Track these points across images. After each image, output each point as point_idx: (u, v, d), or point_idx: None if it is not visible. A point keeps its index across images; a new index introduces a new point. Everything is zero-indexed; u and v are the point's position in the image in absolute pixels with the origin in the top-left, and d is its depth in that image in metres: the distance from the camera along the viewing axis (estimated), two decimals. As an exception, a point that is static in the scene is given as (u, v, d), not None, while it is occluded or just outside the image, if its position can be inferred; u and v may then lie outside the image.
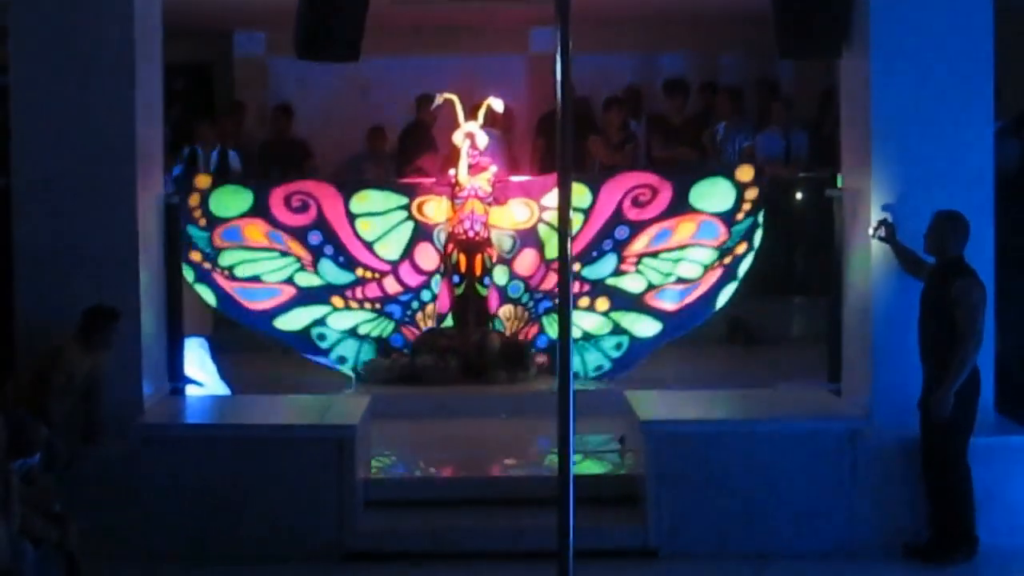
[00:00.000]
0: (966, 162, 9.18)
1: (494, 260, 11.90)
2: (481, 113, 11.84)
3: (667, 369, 11.71)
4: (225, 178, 12.63)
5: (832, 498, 9.09)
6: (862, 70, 9.32)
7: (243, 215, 11.40)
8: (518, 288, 11.94)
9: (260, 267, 11.50)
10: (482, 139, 11.82)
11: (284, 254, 11.53)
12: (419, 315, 11.92)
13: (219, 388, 11.27)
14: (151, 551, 8.90)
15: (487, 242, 11.79)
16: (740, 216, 11.35)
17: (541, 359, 11.82)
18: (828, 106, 13.62)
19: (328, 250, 11.62)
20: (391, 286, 11.80)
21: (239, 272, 11.42)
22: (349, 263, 11.68)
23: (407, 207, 11.79)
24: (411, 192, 11.90)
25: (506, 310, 11.97)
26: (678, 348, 12.09)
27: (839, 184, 9.90)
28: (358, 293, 11.71)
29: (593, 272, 11.67)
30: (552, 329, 11.76)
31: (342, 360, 11.78)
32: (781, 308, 13.54)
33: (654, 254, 11.56)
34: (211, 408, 10.40)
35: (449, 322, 11.98)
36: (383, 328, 11.82)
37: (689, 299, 11.55)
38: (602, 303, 11.69)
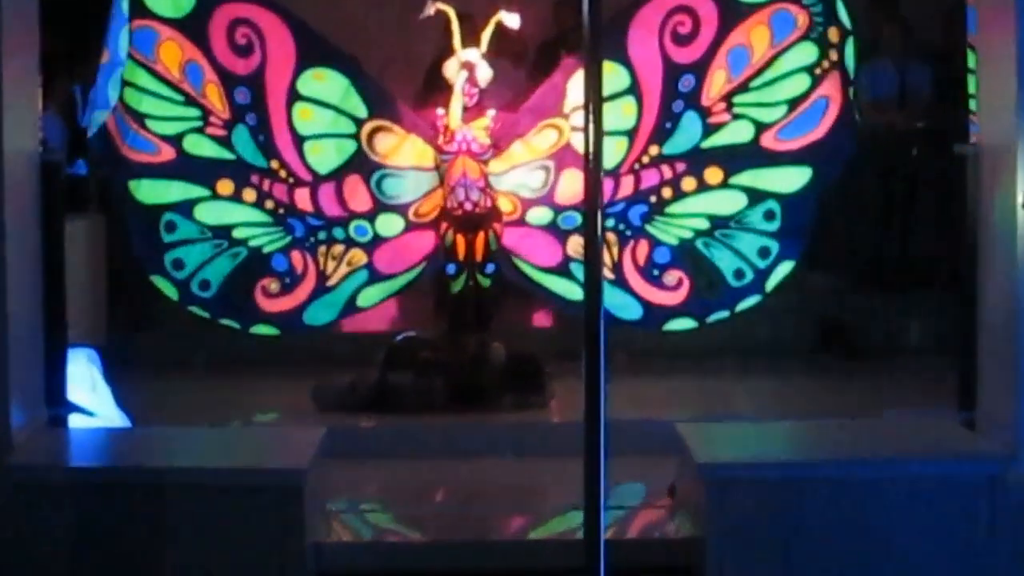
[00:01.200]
0: None
1: (501, 237, 11.87)
2: (486, 35, 11.81)
3: (735, 391, 11.71)
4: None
5: (962, 565, 9.08)
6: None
7: (175, 19, 11.51)
8: (573, 220, 11.83)
9: (153, 105, 11.59)
10: (484, 72, 11.77)
11: (188, 102, 11.62)
12: (322, 250, 11.91)
13: (115, 417, 11.26)
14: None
15: (491, 213, 11.75)
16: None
17: (675, 276, 11.88)
18: (957, 31, 13.61)
19: (251, 118, 11.74)
20: (301, 199, 11.85)
21: (129, 99, 11.53)
22: (268, 146, 11.76)
23: (359, 124, 11.81)
24: (380, 108, 11.92)
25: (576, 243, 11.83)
26: (747, 361, 12.10)
27: (972, 137, 9.91)
28: (263, 186, 11.77)
29: (678, 145, 11.78)
30: (666, 234, 11.84)
31: (177, 266, 11.82)
32: (893, 308, 13.54)
33: (744, 88, 11.65)
34: (104, 444, 10.39)
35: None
36: (271, 241, 11.85)
37: (828, 119, 11.65)
38: (713, 174, 11.83)
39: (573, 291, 11.74)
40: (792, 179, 11.66)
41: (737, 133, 11.70)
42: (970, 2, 9.98)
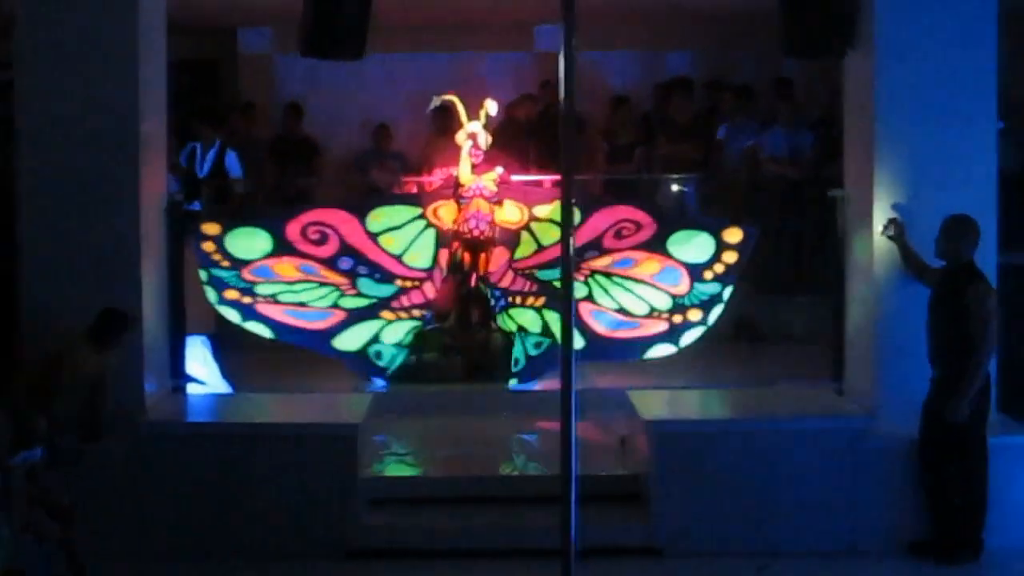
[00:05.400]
0: (970, 164, 9.24)
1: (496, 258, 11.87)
2: (484, 113, 11.84)
3: (671, 367, 11.73)
4: (222, 181, 12.66)
5: (836, 497, 9.15)
6: (866, 70, 9.38)
7: (267, 256, 11.22)
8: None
9: (304, 296, 11.40)
10: (484, 139, 11.79)
11: (322, 284, 11.42)
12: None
13: (221, 386, 11.31)
14: (153, 548, 9.00)
15: (492, 240, 11.77)
16: (709, 275, 11.23)
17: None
18: (836, 106, 13.65)
19: (362, 270, 11.49)
20: (430, 291, 11.75)
21: (285, 299, 11.34)
22: (386, 277, 11.57)
23: (423, 216, 11.75)
24: (421, 201, 11.88)
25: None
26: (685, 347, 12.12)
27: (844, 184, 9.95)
28: (404, 301, 11.69)
29: (546, 274, 11.65)
30: (504, 324, 11.81)
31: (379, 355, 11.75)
32: (786, 307, 13.56)
33: (607, 274, 11.48)
34: (213, 406, 10.44)
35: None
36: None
37: (621, 333, 11.51)
38: (540, 300, 11.73)
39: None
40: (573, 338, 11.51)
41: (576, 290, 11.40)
42: (845, 83, 10.00)
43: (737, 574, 8.72)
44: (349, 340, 11.58)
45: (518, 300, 11.76)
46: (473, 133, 11.71)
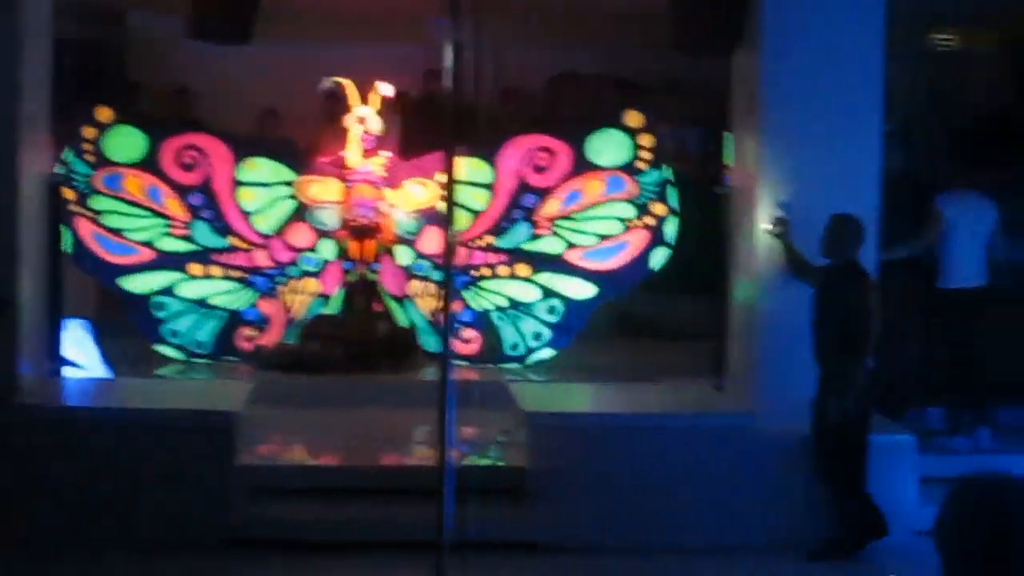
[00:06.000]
0: (855, 165, 9.29)
1: (387, 245, 11.78)
2: (376, 98, 11.75)
3: (553, 363, 11.70)
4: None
5: (715, 493, 9.13)
6: (753, 68, 9.40)
7: (133, 164, 11.37)
8: (422, 267, 11.80)
9: (127, 222, 11.44)
10: (375, 123, 11.70)
11: (155, 215, 11.46)
12: (282, 288, 11.77)
13: (100, 371, 11.12)
14: (24, 537, 8.76)
15: (379, 228, 11.68)
16: (642, 166, 11.50)
17: (470, 334, 11.76)
18: (725, 105, 13.65)
19: (206, 214, 11.57)
20: (261, 259, 11.72)
21: (106, 221, 11.37)
22: (224, 230, 11.61)
23: (292, 184, 11.70)
24: (302, 167, 11.79)
25: (417, 287, 11.82)
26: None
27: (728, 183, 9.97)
28: (224, 259, 11.60)
29: (506, 241, 11.68)
30: (475, 302, 11.74)
31: (173, 334, 11.64)
32: (670, 303, 13.54)
33: (568, 216, 11.58)
34: (92, 391, 10.28)
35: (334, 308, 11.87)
36: (241, 299, 11.70)
37: (623, 257, 11.61)
38: (522, 269, 11.71)
39: (403, 317, 11.77)
40: (580, 289, 11.67)
41: (552, 245, 11.65)
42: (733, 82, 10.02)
43: (615, 570, 8.68)
44: (139, 282, 11.52)
45: (487, 272, 11.69)
46: (363, 117, 11.63)
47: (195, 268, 11.59)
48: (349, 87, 11.76)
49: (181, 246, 11.54)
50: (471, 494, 7.93)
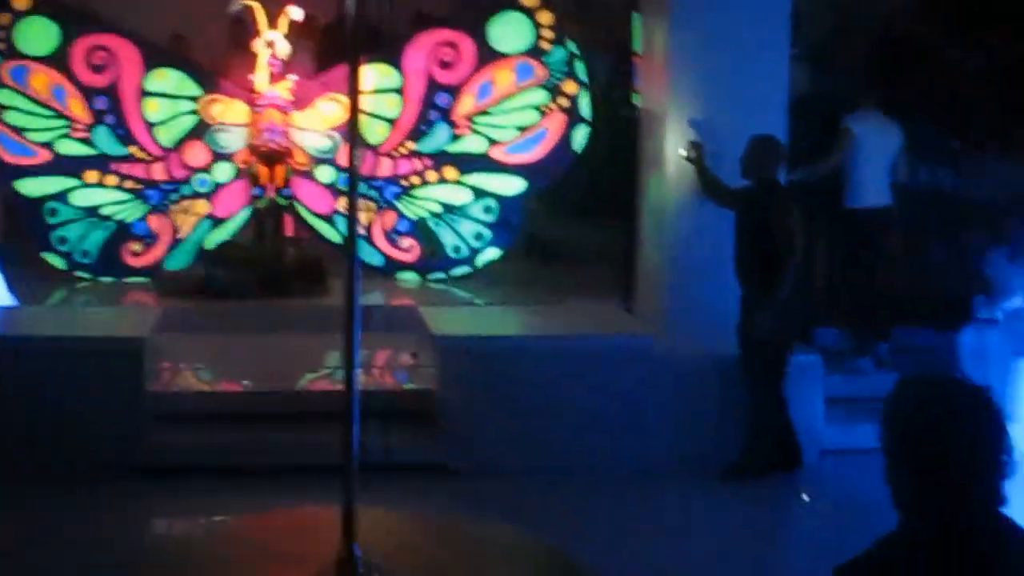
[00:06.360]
0: (762, 87, 9.30)
1: (296, 169, 11.68)
2: (285, 22, 11.60)
3: (463, 285, 11.69)
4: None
5: (624, 415, 9.13)
6: (661, -7, 9.36)
7: (42, 58, 11.24)
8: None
9: (29, 120, 11.31)
10: (283, 47, 11.57)
11: (57, 115, 11.33)
12: (172, 207, 11.66)
13: (6, 299, 10.94)
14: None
15: (288, 152, 11.58)
16: (545, 46, 11.50)
17: (408, 243, 11.76)
18: (631, 29, 13.61)
19: (110, 119, 11.45)
20: (157, 172, 11.61)
21: (7, 117, 11.26)
22: (125, 138, 11.49)
23: (196, 100, 11.57)
24: (208, 85, 11.65)
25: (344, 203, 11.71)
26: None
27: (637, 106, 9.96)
28: (121, 168, 11.47)
29: (428, 145, 11.65)
30: (409, 211, 11.72)
31: (62, 241, 11.53)
32: (579, 228, 13.55)
33: (484, 112, 11.57)
34: (-2, 319, 10.13)
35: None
36: (132, 212, 11.59)
37: (546, 146, 11.61)
38: (450, 172, 11.68)
39: (335, 236, 11.66)
40: (510, 185, 11.65)
41: (474, 144, 11.62)
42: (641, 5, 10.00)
43: (525, 493, 8.67)
44: (34, 186, 11.41)
45: (416, 181, 11.64)
46: (271, 41, 11.51)
47: (91, 175, 11.46)
48: (258, 11, 11.60)
49: (80, 150, 11.41)
50: (380, 418, 7.97)
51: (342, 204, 11.58)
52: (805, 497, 8.90)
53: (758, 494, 8.92)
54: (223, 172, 11.65)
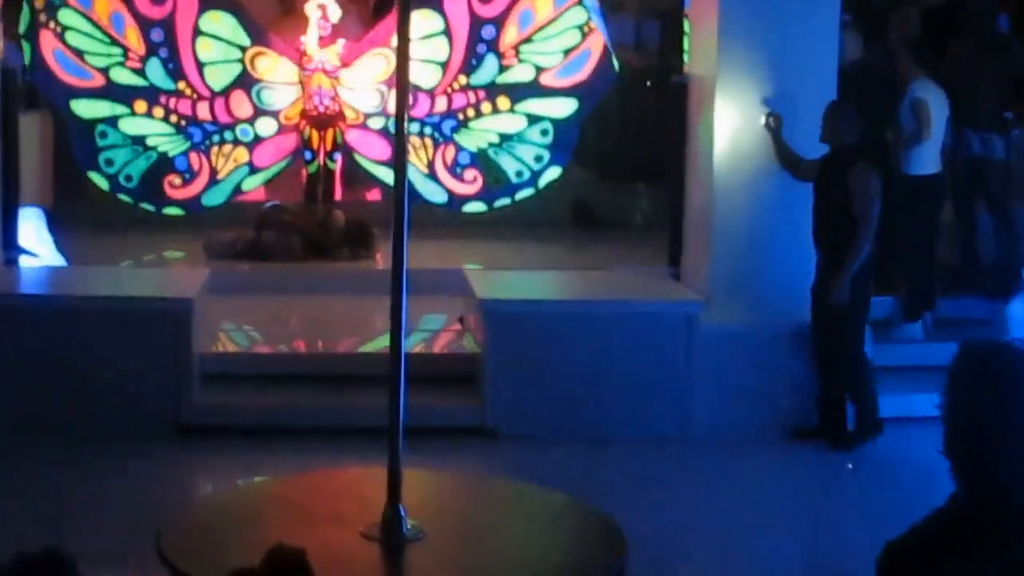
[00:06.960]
0: (811, 54, 9.20)
1: (345, 133, 11.67)
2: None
3: (508, 250, 11.65)
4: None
5: (669, 382, 9.08)
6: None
7: None
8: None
9: (88, 43, 11.22)
10: (334, 12, 11.55)
11: (113, 43, 11.25)
12: (215, 150, 11.60)
13: (55, 260, 10.99)
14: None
15: (339, 116, 11.57)
16: None
17: (471, 174, 11.69)
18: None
19: (163, 52, 11.38)
20: (202, 111, 11.54)
21: (68, 38, 11.17)
22: (176, 73, 11.44)
23: (243, 50, 11.53)
24: (257, 37, 11.61)
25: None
26: (520, 229, 12.06)
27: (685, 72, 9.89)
28: (172, 104, 11.46)
29: (479, 78, 11.58)
30: (468, 143, 11.63)
31: (108, 163, 11.47)
32: (627, 194, 13.49)
33: (528, 40, 11.48)
34: (47, 279, 10.15)
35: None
36: (175, 146, 11.55)
37: (591, 65, 11.49)
38: (503, 102, 11.61)
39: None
40: (562, 108, 11.58)
41: (523, 73, 11.56)
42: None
43: (568, 457, 8.63)
44: (87, 107, 11.33)
45: (471, 113, 11.60)
46: (323, 4, 11.49)
47: (140, 105, 11.40)
48: (311, -27, 11.57)
49: (133, 79, 11.34)
50: (426, 381, 7.95)
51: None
52: (849, 466, 8.83)
53: (806, 462, 8.87)
54: (265, 127, 11.62)
